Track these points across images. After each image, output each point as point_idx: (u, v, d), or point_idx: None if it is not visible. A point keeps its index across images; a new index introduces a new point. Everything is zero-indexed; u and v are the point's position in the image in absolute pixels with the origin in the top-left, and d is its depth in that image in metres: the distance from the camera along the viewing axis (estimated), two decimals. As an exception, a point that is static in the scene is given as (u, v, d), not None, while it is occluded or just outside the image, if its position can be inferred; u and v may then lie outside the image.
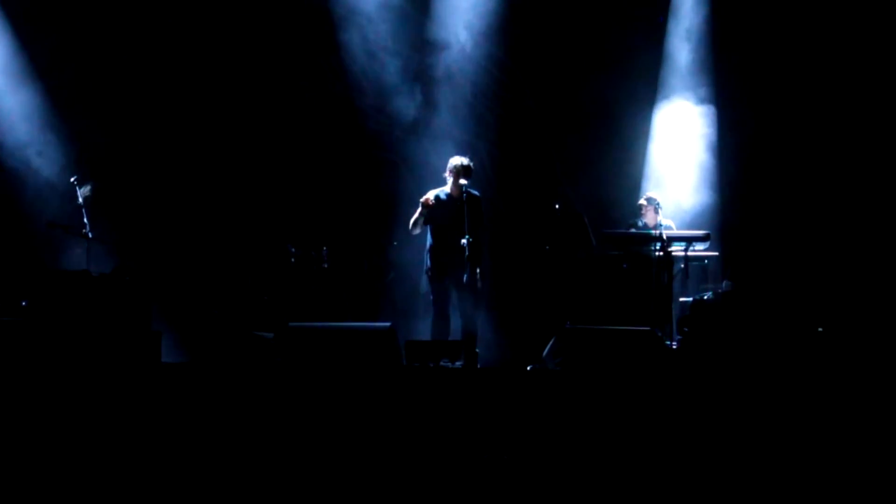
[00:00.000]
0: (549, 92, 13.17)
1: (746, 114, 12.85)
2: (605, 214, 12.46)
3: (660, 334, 10.00)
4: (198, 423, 7.34)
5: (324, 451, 7.10)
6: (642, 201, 11.93)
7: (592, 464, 7.03)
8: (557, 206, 11.49)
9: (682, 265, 11.07)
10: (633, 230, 11.82)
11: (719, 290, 10.70)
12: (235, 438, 7.19)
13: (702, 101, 12.93)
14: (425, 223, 10.49)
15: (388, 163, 13.06)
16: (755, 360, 9.10)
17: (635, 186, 12.97)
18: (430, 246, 10.51)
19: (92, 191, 10.97)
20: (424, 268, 10.59)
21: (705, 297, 10.51)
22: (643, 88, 13.10)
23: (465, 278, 10.12)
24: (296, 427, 7.27)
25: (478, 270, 10.30)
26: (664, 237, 10.79)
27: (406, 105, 13.02)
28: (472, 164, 10.52)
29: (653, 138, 13.08)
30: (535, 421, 7.28)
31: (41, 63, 12.48)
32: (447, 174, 10.51)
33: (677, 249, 11.02)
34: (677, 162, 12.91)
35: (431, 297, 10.58)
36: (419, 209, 10.42)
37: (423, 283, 10.84)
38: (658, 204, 11.62)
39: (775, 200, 12.60)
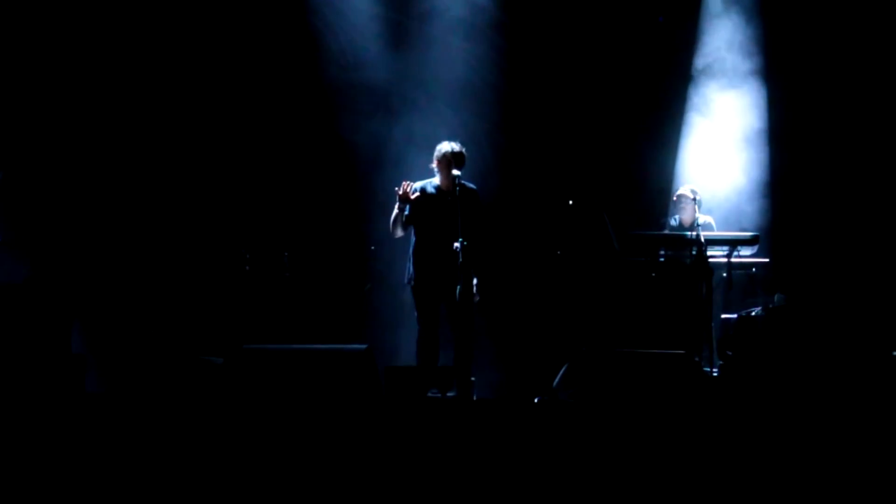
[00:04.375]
0: (563, 63, 13.20)
1: (801, 93, 12.92)
2: (631, 212, 12.51)
3: (697, 359, 10.05)
4: (129, 466, 7.34)
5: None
6: (682, 193, 11.97)
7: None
8: (572, 202, 11.52)
9: (725, 274, 11.11)
10: (664, 231, 11.88)
11: (769, 305, 10.76)
12: (176, 487, 7.21)
13: (747, 78, 13.01)
14: (408, 223, 10.49)
15: (363, 148, 13.05)
16: (813, 390, 9.14)
17: (668, 178, 13.07)
18: (414, 250, 10.51)
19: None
20: (406, 277, 10.60)
21: (752, 314, 10.56)
22: (679, 62, 13.20)
23: (457, 291, 10.13)
24: (253, 473, 7.29)
25: (474, 281, 10.31)
26: (702, 240, 10.82)
27: (385, 77, 13.07)
28: (464, 150, 10.55)
29: (689, 121, 13.16)
30: (543, 464, 7.31)
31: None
32: (435, 164, 10.52)
33: (718, 255, 11.08)
34: (718, 150, 12.97)
35: (416, 314, 10.60)
36: (396, 205, 10.42)
37: (407, 295, 10.88)
38: (697, 198, 11.67)
39: (837, 196, 12.67)
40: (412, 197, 10.36)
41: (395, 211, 10.45)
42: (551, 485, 7.21)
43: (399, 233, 10.53)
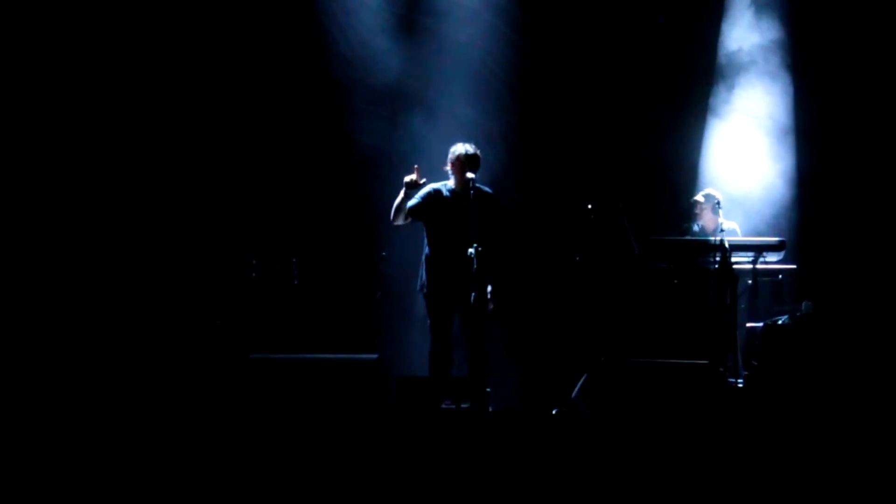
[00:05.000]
0: (582, 61, 13.19)
1: (830, 93, 12.88)
2: (652, 216, 12.48)
3: (721, 369, 10.02)
4: (133, 479, 7.34)
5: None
6: (698, 198, 11.99)
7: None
8: (591, 207, 11.50)
9: (750, 281, 11.10)
10: (687, 236, 11.86)
11: (796, 313, 10.74)
12: (182, 500, 7.22)
13: (773, 77, 12.97)
14: (414, 217, 10.47)
15: (373, 151, 13.03)
16: (841, 401, 9.11)
17: (690, 181, 13.02)
18: (428, 256, 10.51)
19: None
20: (419, 284, 10.60)
21: (779, 322, 10.54)
22: (702, 60, 13.17)
23: (472, 298, 10.13)
24: (260, 486, 7.29)
25: (489, 288, 10.30)
26: (726, 245, 10.80)
27: (396, 77, 13.03)
28: (479, 152, 10.54)
29: (712, 122, 13.13)
30: (561, 478, 7.29)
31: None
32: (449, 166, 10.53)
33: (743, 261, 11.06)
34: (742, 151, 12.94)
35: (429, 322, 10.60)
36: (402, 190, 10.38)
37: (419, 303, 10.86)
38: (718, 203, 11.66)
39: (867, 200, 12.62)
40: (419, 183, 10.33)
41: (401, 196, 10.41)
42: (569, 500, 7.19)
43: (399, 221, 10.50)
